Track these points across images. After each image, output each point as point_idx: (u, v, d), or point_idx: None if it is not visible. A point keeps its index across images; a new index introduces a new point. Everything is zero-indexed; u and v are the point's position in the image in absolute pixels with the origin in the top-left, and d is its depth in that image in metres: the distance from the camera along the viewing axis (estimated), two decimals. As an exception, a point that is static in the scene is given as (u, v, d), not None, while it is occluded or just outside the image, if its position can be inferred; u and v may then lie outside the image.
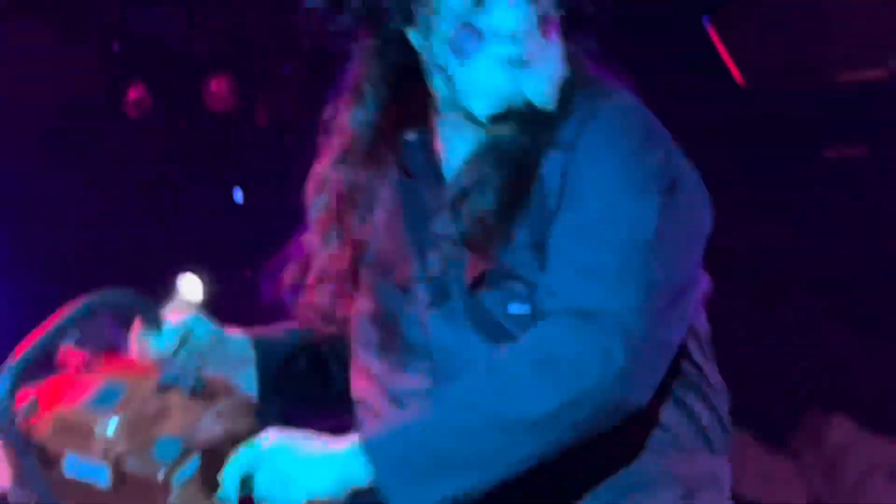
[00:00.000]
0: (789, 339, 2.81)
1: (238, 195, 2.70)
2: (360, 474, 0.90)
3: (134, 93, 2.24)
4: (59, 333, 0.99)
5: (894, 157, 2.69)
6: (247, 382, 1.11)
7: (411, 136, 1.07)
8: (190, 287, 2.56)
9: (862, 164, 2.76)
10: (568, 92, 1.01)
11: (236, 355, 1.13)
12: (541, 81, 1.00)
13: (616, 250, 0.93)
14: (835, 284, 2.79)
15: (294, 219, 1.15)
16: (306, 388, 1.19)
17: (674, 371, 0.98)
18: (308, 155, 1.13)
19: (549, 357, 0.88)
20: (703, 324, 1.05)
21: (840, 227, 2.71)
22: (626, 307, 0.88)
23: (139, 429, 0.95)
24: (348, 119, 1.05)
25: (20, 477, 0.98)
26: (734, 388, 1.16)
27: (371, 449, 0.90)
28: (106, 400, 0.98)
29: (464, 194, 1.00)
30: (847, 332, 2.82)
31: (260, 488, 0.91)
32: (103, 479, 0.94)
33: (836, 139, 2.65)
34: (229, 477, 0.91)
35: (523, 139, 0.99)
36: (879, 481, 3.00)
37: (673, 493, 1.02)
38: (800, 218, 2.68)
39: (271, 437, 0.93)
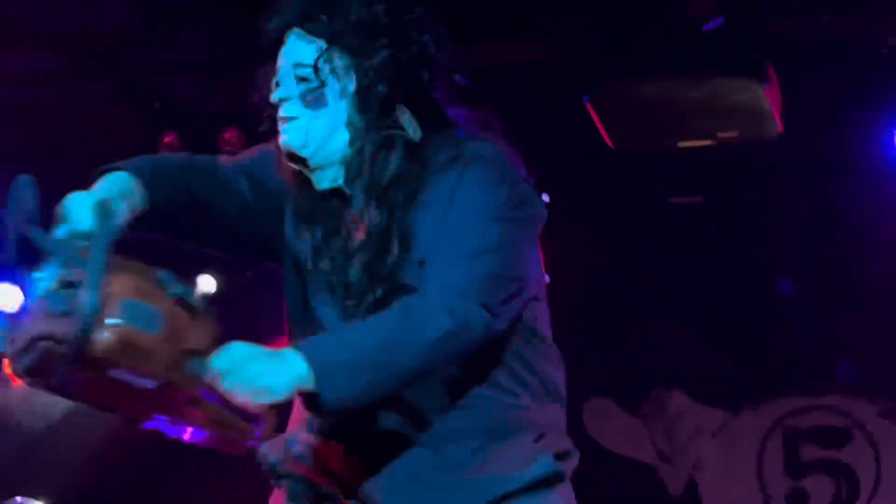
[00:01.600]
0: (644, 338, 3.96)
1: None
2: (302, 371, 1.10)
3: (168, 139, 3.11)
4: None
5: (723, 204, 3.82)
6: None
7: None
8: (206, 283, 3.38)
9: (699, 209, 3.86)
10: (429, 135, 1.30)
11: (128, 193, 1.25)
12: (294, 133, 1.30)
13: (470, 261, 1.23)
14: (677, 302, 3.95)
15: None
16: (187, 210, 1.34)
17: (531, 346, 1.32)
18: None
19: (439, 306, 1.18)
20: (545, 312, 1.37)
21: (681, 255, 3.82)
22: (479, 295, 1.20)
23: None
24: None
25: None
26: (607, 369, 1.81)
27: (307, 350, 1.13)
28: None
29: None
30: (683, 332, 3.93)
31: (230, 385, 1.09)
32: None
33: (681, 190, 3.75)
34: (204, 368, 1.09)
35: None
36: (704, 440, 4.15)
37: (530, 435, 1.30)
38: (650, 246, 3.77)
39: (237, 347, 1.12)
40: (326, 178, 1.35)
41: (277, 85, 1.33)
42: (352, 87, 1.32)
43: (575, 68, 3.28)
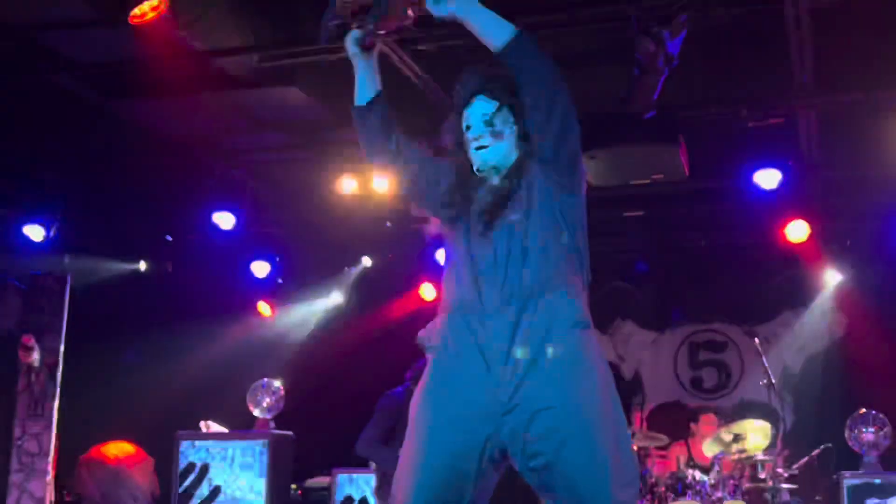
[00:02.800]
0: (609, 292, 6.84)
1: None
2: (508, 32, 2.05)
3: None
4: None
5: (651, 213, 6.47)
6: None
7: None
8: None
9: (640, 218, 6.57)
10: (522, 158, 2.13)
11: None
12: (487, 156, 2.14)
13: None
14: (628, 268, 6.77)
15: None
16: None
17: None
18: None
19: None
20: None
21: (634, 244, 6.60)
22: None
23: None
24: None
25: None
26: (592, 309, 4.50)
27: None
28: None
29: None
30: (630, 287, 6.82)
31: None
32: None
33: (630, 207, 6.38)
34: None
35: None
36: (644, 348, 7.24)
37: None
38: (614, 234, 6.52)
39: None
40: (493, 165, 2.18)
41: (468, 128, 2.18)
42: (516, 129, 2.18)
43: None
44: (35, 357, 5.30)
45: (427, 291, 6.83)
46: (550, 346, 2.07)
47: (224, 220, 5.99)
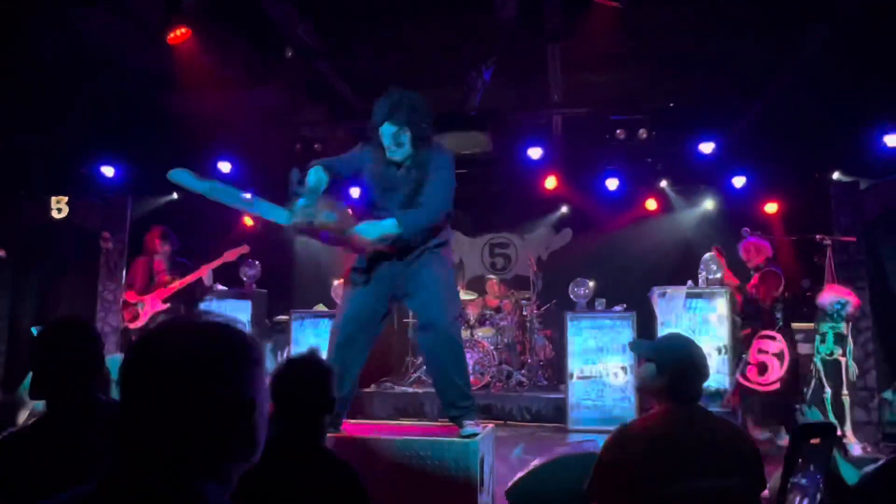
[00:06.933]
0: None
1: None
2: (393, 230, 3.39)
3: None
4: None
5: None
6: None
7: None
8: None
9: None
10: (429, 145, 3.50)
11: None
12: (395, 156, 3.55)
13: (439, 197, 3.47)
14: None
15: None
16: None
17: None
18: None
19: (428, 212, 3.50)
20: None
21: None
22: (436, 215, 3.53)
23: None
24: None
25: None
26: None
27: (399, 219, 3.42)
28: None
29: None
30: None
31: (362, 234, 3.43)
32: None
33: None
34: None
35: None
36: None
37: None
38: None
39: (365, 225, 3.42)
40: (399, 160, 3.37)
41: (383, 138, 3.40)
42: (411, 137, 3.41)
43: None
44: (110, 245, 7.97)
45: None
46: (427, 251, 3.65)
47: (223, 166, 8.65)
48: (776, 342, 6.23)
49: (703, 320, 7.04)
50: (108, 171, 8.47)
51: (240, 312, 7.75)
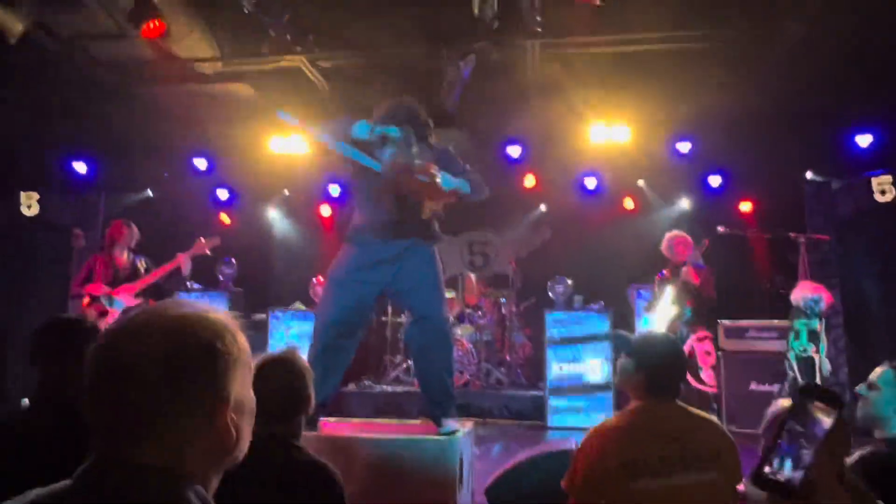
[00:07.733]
0: None
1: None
2: (465, 188, 3.95)
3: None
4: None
5: None
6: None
7: None
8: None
9: None
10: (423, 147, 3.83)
11: None
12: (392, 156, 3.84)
13: (477, 175, 4.07)
14: None
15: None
16: None
17: None
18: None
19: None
20: None
21: None
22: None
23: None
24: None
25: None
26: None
27: (467, 180, 4.06)
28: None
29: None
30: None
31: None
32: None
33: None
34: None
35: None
36: None
37: None
38: None
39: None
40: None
41: (394, 139, 3.77)
42: (415, 135, 3.80)
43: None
44: (82, 243, 7.93)
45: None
46: (422, 248, 3.86)
47: (199, 163, 8.79)
48: (710, 341, 6.28)
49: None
50: (80, 167, 8.41)
51: (216, 311, 7.72)
